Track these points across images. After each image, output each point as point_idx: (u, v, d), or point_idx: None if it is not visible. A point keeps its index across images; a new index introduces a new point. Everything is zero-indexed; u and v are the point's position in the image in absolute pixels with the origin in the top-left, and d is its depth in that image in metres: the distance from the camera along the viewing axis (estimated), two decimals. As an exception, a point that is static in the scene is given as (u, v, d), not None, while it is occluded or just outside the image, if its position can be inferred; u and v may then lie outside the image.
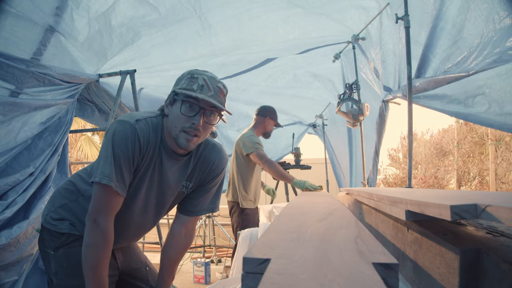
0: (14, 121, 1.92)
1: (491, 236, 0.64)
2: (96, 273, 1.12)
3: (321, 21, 2.56)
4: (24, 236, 2.00)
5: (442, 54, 1.84)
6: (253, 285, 0.45)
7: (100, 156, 1.14)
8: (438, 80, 1.80)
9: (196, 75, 1.18)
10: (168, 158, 1.25)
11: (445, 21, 1.78)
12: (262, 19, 2.48)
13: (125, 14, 2.19)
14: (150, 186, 1.26)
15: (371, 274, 0.40)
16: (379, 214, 1.17)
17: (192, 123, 1.16)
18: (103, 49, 2.31)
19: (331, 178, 4.61)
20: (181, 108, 1.15)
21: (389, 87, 2.56)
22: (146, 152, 1.19)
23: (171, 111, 1.19)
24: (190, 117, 1.16)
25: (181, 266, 4.28)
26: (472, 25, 1.62)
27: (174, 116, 1.18)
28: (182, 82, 1.19)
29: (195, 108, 1.16)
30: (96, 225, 1.12)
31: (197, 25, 2.42)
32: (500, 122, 1.60)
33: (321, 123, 4.46)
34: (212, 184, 1.40)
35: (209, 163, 1.36)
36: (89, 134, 10.03)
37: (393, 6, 2.17)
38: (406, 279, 0.86)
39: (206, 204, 1.42)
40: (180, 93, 1.15)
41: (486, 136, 7.10)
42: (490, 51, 1.49)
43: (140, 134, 1.15)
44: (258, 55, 3.01)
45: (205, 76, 1.19)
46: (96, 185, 1.13)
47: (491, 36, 1.50)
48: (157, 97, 3.21)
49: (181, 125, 1.16)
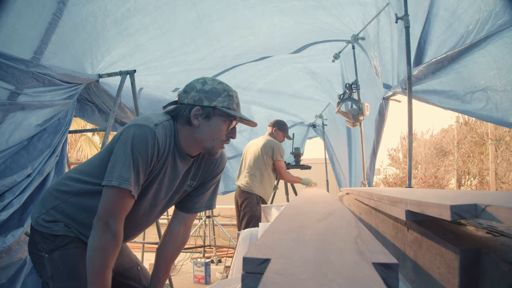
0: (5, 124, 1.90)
1: (491, 236, 0.64)
2: (103, 277, 1.11)
3: (318, 15, 2.56)
4: (16, 243, 1.98)
5: (436, 41, 1.82)
6: (253, 285, 0.45)
7: (116, 159, 1.13)
8: (439, 61, 1.75)
9: (231, 92, 1.27)
10: (181, 160, 1.30)
11: (437, 7, 1.75)
12: (258, 9, 2.47)
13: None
14: (159, 187, 1.29)
15: (371, 274, 0.40)
16: (379, 214, 1.17)
17: (230, 136, 1.29)
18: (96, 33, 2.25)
19: (331, 178, 4.61)
20: (223, 124, 1.26)
21: (388, 84, 2.56)
22: (162, 156, 1.22)
23: (205, 124, 1.25)
24: (229, 132, 1.29)
25: (181, 266, 4.28)
26: (467, 2, 1.57)
27: (213, 130, 1.25)
28: (219, 99, 1.25)
29: (233, 125, 1.29)
30: (108, 227, 1.11)
31: (193, 14, 2.40)
32: (497, 118, 1.57)
33: (321, 123, 4.46)
34: (212, 182, 1.45)
35: (212, 162, 1.42)
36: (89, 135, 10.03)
37: (391, 4, 2.16)
38: (406, 279, 0.86)
39: (204, 201, 1.46)
40: (224, 111, 1.23)
41: (486, 136, 7.10)
42: (493, 24, 1.43)
43: (159, 139, 1.18)
44: (255, 49, 2.99)
45: (234, 93, 1.30)
46: (111, 188, 1.12)
47: (491, 9, 1.44)
48: (157, 97, 3.21)
49: (220, 139, 1.27)
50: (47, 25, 1.90)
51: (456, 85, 1.76)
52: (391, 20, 2.07)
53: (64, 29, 2.00)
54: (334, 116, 4.05)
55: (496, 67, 1.52)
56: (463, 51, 1.63)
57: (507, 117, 1.51)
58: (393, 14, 1.91)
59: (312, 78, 3.79)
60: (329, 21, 2.61)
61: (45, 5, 1.85)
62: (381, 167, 9.60)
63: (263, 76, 3.65)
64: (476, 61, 1.59)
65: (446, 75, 1.79)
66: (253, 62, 3.30)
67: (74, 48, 2.22)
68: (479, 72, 1.62)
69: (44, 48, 1.96)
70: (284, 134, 3.61)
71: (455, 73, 1.73)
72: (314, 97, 4.17)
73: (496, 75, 1.53)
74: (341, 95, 2.80)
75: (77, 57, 2.30)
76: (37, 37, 1.90)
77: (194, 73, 2.94)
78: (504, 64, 1.48)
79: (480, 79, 1.62)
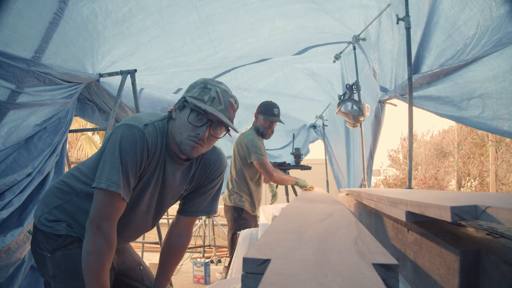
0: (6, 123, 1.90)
1: (491, 237, 0.64)
2: (99, 280, 1.10)
3: (320, 19, 2.56)
4: (15, 243, 1.98)
5: (436, 49, 1.82)
6: (253, 286, 0.45)
7: (105, 160, 1.11)
8: (435, 73, 1.77)
9: (209, 85, 1.17)
10: (172, 162, 1.24)
11: (438, 15, 1.75)
12: (260, 13, 2.47)
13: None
14: (154, 190, 1.26)
15: (371, 275, 0.40)
16: (379, 215, 1.17)
17: (198, 133, 1.16)
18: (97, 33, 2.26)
19: (331, 179, 4.61)
20: (189, 116, 1.15)
21: (385, 88, 2.56)
22: (153, 157, 1.18)
23: (178, 116, 1.18)
24: (196, 127, 1.15)
25: (181, 266, 4.28)
26: (467, 15, 1.58)
27: (181, 122, 1.17)
28: (194, 90, 1.18)
29: (202, 119, 1.16)
30: (100, 231, 1.10)
31: (194, 16, 2.40)
32: (491, 126, 1.58)
33: (321, 124, 4.46)
34: (209, 186, 1.39)
35: (209, 166, 1.36)
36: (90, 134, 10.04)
37: (393, 6, 2.16)
38: (406, 280, 0.86)
39: (202, 205, 1.41)
40: (190, 101, 1.14)
41: (487, 138, 7.10)
42: (489, 39, 1.46)
43: (149, 140, 1.14)
44: (256, 51, 3.00)
45: (218, 88, 1.18)
46: (101, 191, 1.10)
47: (488, 25, 1.46)
48: (158, 97, 3.21)
49: (186, 133, 1.16)
50: (48, 24, 1.90)
51: (452, 91, 1.78)
52: (393, 22, 2.07)
53: (65, 28, 2.00)
54: (334, 116, 4.05)
55: (493, 76, 1.54)
56: (457, 68, 1.66)
57: (502, 125, 1.52)
58: (394, 16, 1.91)
59: (313, 79, 3.79)
60: (331, 23, 2.61)
61: (46, 4, 1.86)
62: (381, 168, 9.60)
63: (264, 78, 3.65)
64: (472, 69, 1.61)
65: (442, 83, 1.81)
66: (254, 64, 3.30)
67: (75, 48, 2.22)
68: (474, 81, 1.63)
69: (45, 47, 1.96)
70: (265, 118, 2.72)
71: (450, 81, 1.75)
72: (314, 98, 4.17)
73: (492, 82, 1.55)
74: (341, 96, 2.80)
75: (78, 57, 2.30)
76: (38, 36, 1.91)
77: (195, 74, 2.94)
78: (500, 71, 1.50)
79: (476, 86, 1.64)
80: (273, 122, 2.75)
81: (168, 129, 1.22)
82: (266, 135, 2.77)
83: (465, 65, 1.60)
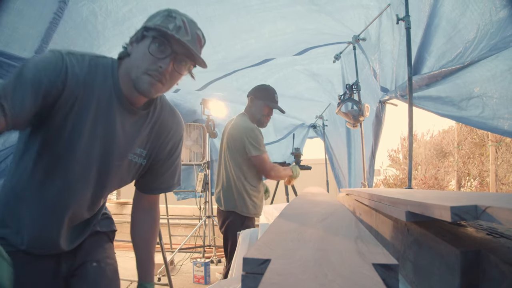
0: None
1: (491, 237, 0.64)
2: None
3: (320, 20, 2.56)
4: None
5: (437, 51, 1.83)
6: (253, 286, 0.45)
7: None
8: (433, 75, 1.78)
9: (174, 14, 1.02)
10: (121, 108, 1.05)
11: (440, 18, 1.76)
12: (261, 15, 2.47)
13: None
14: (92, 140, 1.04)
15: (371, 275, 0.40)
16: (379, 215, 1.17)
17: (160, 66, 0.99)
18: (96, 33, 2.25)
19: (331, 179, 4.61)
20: (150, 46, 0.98)
21: (386, 88, 2.57)
22: (78, 90, 0.97)
23: (135, 49, 1.02)
24: (158, 58, 0.99)
25: (181, 266, 4.28)
26: (468, 19, 1.58)
27: (140, 55, 1.00)
28: (156, 18, 1.02)
29: (166, 50, 1.00)
30: None
31: (195, 17, 2.41)
32: (491, 126, 1.58)
33: (321, 124, 4.46)
34: (169, 153, 1.22)
35: (166, 128, 1.19)
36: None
37: (393, 6, 2.17)
38: (406, 280, 0.86)
39: (164, 178, 1.24)
40: (153, 28, 0.98)
41: (487, 138, 7.10)
42: (487, 44, 1.47)
43: (69, 66, 0.95)
44: (257, 53, 3.00)
45: (185, 18, 1.04)
46: None
47: (488, 29, 1.47)
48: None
49: (145, 66, 0.99)
50: (48, 25, 1.91)
51: (452, 91, 1.79)
52: (393, 22, 2.08)
53: (65, 28, 2.01)
54: (334, 116, 4.05)
55: (491, 76, 1.55)
56: (455, 70, 1.67)
57: (502, 125, 1.52)
58: (395, 16, 1.92)
59: (314, 80, 3.79)
60: (331, 24, 2.62)
61: (46, 4, 1.86)
62: (381, 168, 9.60)
63: (265, 79, 3.65)
64: (471, 71, 1.62)
65: (441, 84, 1.82)
66: (254, 67, 3.30)
67: (75, 48, 2.22)
68: (473, 82, 1.64)
69: (45, 47, 1.96)
70: (266, 104, 2.45)
71: (450, 81, 1.76)
72: (315, 98, 4.17)
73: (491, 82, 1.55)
74: (341, 96, 2.81)
75: (78, 56, 2.30)
76: (38, 36, 1.91)
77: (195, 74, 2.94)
78: (498, 72, 1.51)
79: (475, 86, 1.64)
80: (272, 109, 2.53)
81: (118, 68, 1.04)
82: (264, 123, 2.56)
83: (463, 68, 1.62)
